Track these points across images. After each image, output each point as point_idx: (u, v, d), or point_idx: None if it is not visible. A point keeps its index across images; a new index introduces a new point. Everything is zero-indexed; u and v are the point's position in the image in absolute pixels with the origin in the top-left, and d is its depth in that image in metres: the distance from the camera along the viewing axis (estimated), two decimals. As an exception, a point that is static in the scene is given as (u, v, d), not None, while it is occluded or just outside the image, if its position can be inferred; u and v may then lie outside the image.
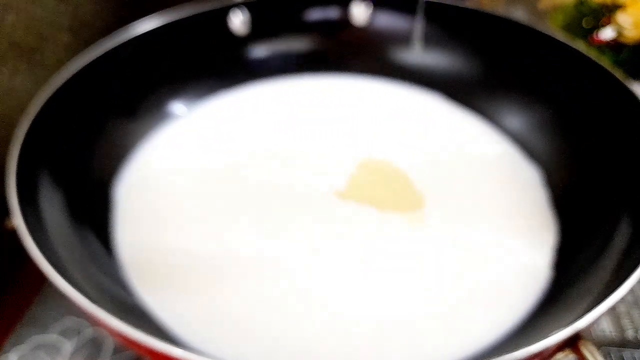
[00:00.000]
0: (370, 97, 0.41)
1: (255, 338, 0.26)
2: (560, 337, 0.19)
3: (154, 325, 0.26)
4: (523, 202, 0.33)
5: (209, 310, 0.27)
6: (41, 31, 0.37)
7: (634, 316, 0.31)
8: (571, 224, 0.31)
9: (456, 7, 0.40)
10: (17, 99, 0.35)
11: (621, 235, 0.26)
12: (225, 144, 0.37)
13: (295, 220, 0.31)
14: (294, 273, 0.28)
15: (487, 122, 0.39)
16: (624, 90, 0.31)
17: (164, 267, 0.29)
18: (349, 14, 0.43)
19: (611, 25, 0.44)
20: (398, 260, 0.29)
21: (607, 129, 0.32)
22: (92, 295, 0.22)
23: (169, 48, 0.40)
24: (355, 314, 0.27)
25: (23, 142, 0.27)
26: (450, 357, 0.25)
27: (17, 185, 0.25)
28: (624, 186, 0.29)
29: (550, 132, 0.36)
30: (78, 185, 0.31)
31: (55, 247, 0.25)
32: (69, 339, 0.32)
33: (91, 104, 0.35)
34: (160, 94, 0.39)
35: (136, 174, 0.35)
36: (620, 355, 0.29)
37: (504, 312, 0.26)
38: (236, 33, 0.42)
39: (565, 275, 0.28)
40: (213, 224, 0.31)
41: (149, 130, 0.38)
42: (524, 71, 0.38)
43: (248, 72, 0.43)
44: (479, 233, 0.31)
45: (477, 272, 0.29)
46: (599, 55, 0.44)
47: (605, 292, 0.21)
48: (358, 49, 0.44)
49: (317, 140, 0.37)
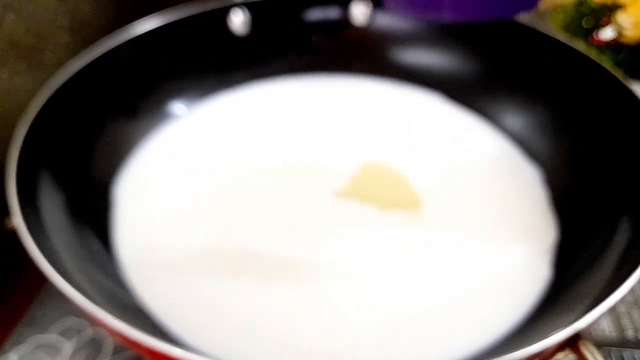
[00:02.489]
0: (370, 97, 0.41)
1: (255, 338, 0.26)
2: (560, 337, 0.19)
3: (154, 325, 0.26)
4: (523, 202, 0.33)
5: (209, 310, 0.27)
6: (41, 31, 0.37)
7: (634, 316, 0.31)
8: (571, 224, 0.31)
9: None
10: (16, 99, 0.35)
11: (621, 235, 0.26)
12: (225, 144, 0.37)
13: (295, 220, 0.31)
14: (295, 272, 0.28)
15: (487, 122, 0.39)
16: (624, 90, 0.31)
17: (163, 267, 0.29)
18: (349, 14, 0.43)
19: (611, 25, 0.44)
20: (397, 260, 0.29)
21: (607, 129, 0.32)
22: (92, 295, 0.22)
23: (169, 48, 0.39)
24: (354, 313, 0.27)
25: (23, 142, 0.27)
26: (450, 357, 0.25)
27: (17, 186, 0.25)
28: (624, 186, 0.29)
29: (550, 132, 0.36)
30: (78, 185, 0.31)
31: (55, 247, 0.25)
32: (69, 339, 0.32)
33: (91, 104, 0.35)
34: (160, 94, 0.39)
35: (136, 174, 0.35)
36: (620, 355, 0.29)
37: (504, 312, 0.26)
38: (236, 33, 0.42)
39: (565, 275, 0.28)
40: (213, 224, 0.31)
41: (149, 130, 0.38)
42: (524, 71, 0.38)
43: (248, 72, 0.42)
44: (478, 233, 0.31)
45: (476, 272, 0.29)
46: (599, 55, 0.44)
47: (605, 292, 0.21)
48: (358, 49, 0.44)
49: (316, 140, 0.37)
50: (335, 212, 0.32)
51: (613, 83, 0.32)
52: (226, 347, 0.25)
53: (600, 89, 0.33)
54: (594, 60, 0.33)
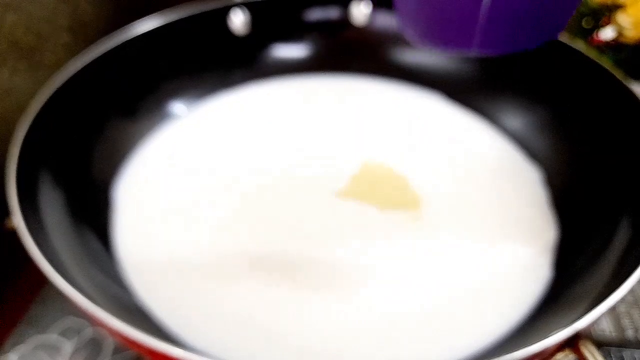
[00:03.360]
0: (370, 97, 0.42)
1: (255, 337, 0.26)
2: (560, 337, 0.19)
3: (153, 324, 0.26)
4: (523, 202, 0.33)
5: (209, 310, 0.27)
6: (41, 31, 0.37)
7: (634, 316, 0.31)
8: (571, 224, 0.31)
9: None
10: (16, 98, 0.35)
11: (621, 235, 0.26)
12: (225, 144, 0.37)
13: (295, 220, 0.31)
14: (294, 273, 0.28)
15: (487, 122, 0.39)
16: (623, 90, 0.31)
17: (163, 266, 0.29)
18: (348, 14, 0.43)
19: (611, 25, 0.44)
20: (397, 260, 0.29)
21: (607, 129, 0.32)
22: (92, 295, 0.22)
23: (169, 48, 0.40)
24: (354, 313, 0.27)
25: (23, 142, 0.28)
26: (451, 357, 0.25)
27: (17, 185, 0.25)
28: (624, 186, 0.29)
29: (550, 132, 0.36)
30: (78, 185, 0.31)
31: (55, 247, 0.25)
32: (69, 339, 0.32)
33: (91, 104, 0.35)
34: (160, 94, 0.39)
35: (136, 173, 0.35)
36: (620, 355, 0.29)
37: (504, 312, 0.27)
38: (236, 33, 0.42)
39: (565, 275, 0.28)
40: (213, 224, 0.31)
41: (149, 130, 0.38)
42: (523, 71, 0.38)
43: (248, 72, 0.43)
44: (479, 233, 0.31)
45: (476, 271, 0.29)
46: (599, 55, 0.44)
47: (605, 292, 0.21)
48: (358, 49, 0.44)
49: (316, 140, 0.38)
50: (335, 212, 0.32)
51: (613, 83, 0.32)
52: (226, 347, 0.25)
53: (600, 89, 0.33)
54: (593, 60, 0.33)
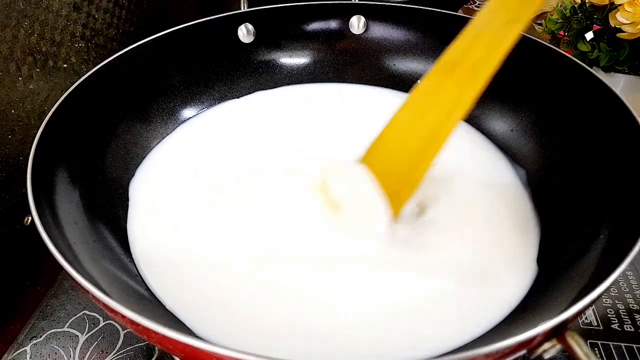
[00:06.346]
0: (369, 104, 0.43)
1: (260, 327, 0.27)
2: (546, 327, 0.20)
3: (166, 315, 0.27)
4: (507, 202, 0.33)
5: (220, 302, 0.28)
6: (55, 38, 0.39)
7: (619, 309, 0.32)
8: (554, 222, 0.31)
9: (448, 15, 0.41)
10: (31, 103, 0.36)
11: (603, 231, 0.27)
12: (232, 147, 0.39)
13: (298, 220, 0.32)
14: (300, 268, 0.29)
15: (472, 126, 0.40)
16: (608, 94, 0.31)
17: (176, 261, 0.30)
18: (348, 25, 0.44)
19: (609, 24, 0.44)
20: (388, 257, 0.30)
21: (590, 132, 0.33)
22: (108, 288, 0.24)
23: (179, 56, 0.41)
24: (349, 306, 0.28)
25: (41, 144, 0.29)
26: (440, 348, 0.25)
27: (35, 185, 0.26)
28: (604, 184, 0.30)
29: (533, 135, 0.36)
30: (95, 184, 0.32)
31: (71, 243, 0.26)
32: (82, 332, 0.33)
33: (106, 108, 0.36)
34: (173, 100, 0.41)
35: (150, 173, 0.36)
36: (607, 346, 0.30)
37: (493, 305, 0.27)
38: (243, 43, 0.43)
39: (550, 270, 0.28)
40: (222, 221, 0.32)
41: (162, 133, 0.40)
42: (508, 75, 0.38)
43: (253, 80, 0.44)
44: (467, 230, 0.31)
45: (466, 267, 0.29)
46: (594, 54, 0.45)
47: (589, 286, 0.22)
48: (357, 58, 0.45)
49: (319, 145, 0.39)
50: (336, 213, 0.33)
51: (597, 86, 0.32)
52: (237, 338, 0.26)
53: (584, 92, 0.34)
54: (577, 63, 0.34)
